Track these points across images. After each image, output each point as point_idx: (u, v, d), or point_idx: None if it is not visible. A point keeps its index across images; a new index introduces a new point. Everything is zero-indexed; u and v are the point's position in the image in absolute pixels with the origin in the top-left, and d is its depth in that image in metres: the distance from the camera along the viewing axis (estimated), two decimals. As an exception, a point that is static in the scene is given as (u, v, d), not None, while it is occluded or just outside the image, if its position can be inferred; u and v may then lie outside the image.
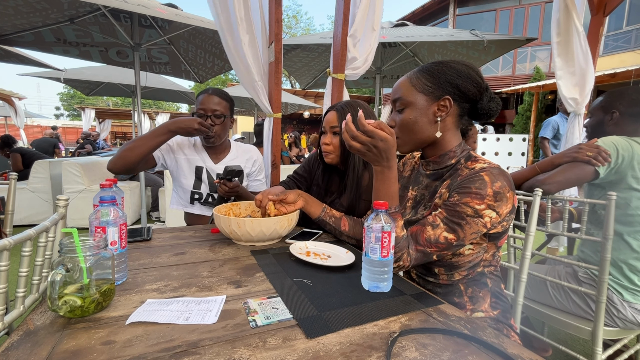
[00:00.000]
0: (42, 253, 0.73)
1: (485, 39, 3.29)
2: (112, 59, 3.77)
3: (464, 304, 0.83)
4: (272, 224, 1.01)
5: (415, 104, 0.84)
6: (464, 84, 0.81)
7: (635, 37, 8.12)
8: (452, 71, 0.82)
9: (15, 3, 2.56)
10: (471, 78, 0.81)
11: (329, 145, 1.23)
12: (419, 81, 0.84)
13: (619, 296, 1.15)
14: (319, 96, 11.42)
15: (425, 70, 0.84)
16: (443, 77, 0.82)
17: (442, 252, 0.78)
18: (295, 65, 4.25)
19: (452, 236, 0.75)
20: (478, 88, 0.82)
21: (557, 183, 1.15)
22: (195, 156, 1.51)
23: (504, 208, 0.75)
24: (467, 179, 0.76)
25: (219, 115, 1.44)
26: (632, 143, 1.14)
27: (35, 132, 15.89)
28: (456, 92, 0.82)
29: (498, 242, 0.82)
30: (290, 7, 25.87)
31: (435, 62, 0.85)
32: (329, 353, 0.51)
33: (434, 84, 0.82)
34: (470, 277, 0.83)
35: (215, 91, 1.47)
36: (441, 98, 0.82)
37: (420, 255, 0.78)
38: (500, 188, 0.73)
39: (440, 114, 0.83)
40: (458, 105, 0.83)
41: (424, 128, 0.84)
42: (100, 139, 10.44)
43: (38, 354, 0.49)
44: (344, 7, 1.87)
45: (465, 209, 0.74)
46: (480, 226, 0.75)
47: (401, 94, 0.86)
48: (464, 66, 0.83)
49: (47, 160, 3.94)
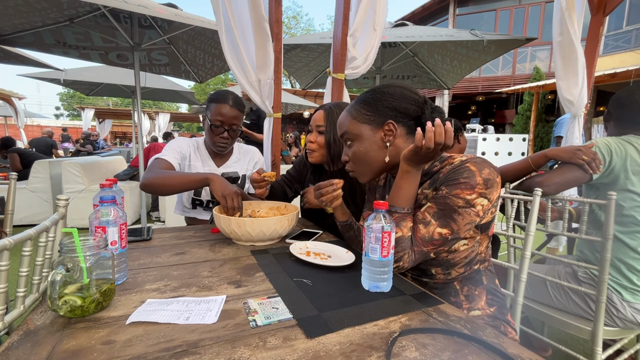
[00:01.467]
0: (42, 253, 0.73)
1: (485, 39, 3.29)
2: (112, 61, 3.78)
3: (460, 303, 0.83)
4: (272, 224, 1.01)
5: (362, 135, 0.86)
6: (401, 105, 0.83)
7: (635, 37, 8.12)
8: (386, 96, 0.84)
9: (15, 3, 2.56)
10: (406, 97, 0.84)
11: (313, 144, 1.26)
12: (359, 113, 0.86)
13: (618, 296, 1.15)
14: (319, 96, 11.41)
15: (362, 102, 0.87)
16: (380, 103, 0.84)
17: (439, 249, 0.78)
18: (295, 65, 4.24)
19: (446, 230, 0.75)
20: (416, 104, 0.84)
21: (555, 184, 1.16)
22: (198, 162, 1.47)
23: (494, 193, 0.76)
24: (452, 171, 0.77)
25: (235, 129, 1.41)
26: (626, 145, 1.14)
27: (35, 132, 15.87)
28: (397, 114, 0.84)
29: (488, 231, 0.83)
30: (290, 8, 25.89)
31: (369, 91, 0.88)
32: (329, 353, 0.51)
33: (374, 112, 0.85)
34: (467, 274, 0.84)
35: (236, 102, 1.40)
36: (384, 123, 0.84)
37: (418, 257, 0.78)
38: (489, 174, 0.74)
39: (388, 138, 0.84)
40: (403, 125, 0.84)
41: (377, 156, 0.86)
42: (100, 139, 10.44)
43: (38, 353, 0.49)
44: (344, 7, 1.87)
45: (456, 201, 0.74)
46: (473, 215, 0.74)
47: (346, 128, 0.88)
48: (396, 88, 0.85)
49: (47, 160, 3.94)
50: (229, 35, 1.71)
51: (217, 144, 1.41)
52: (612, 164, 1.13)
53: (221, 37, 1.70)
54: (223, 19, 1.68)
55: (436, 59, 4.07)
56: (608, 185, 1.17)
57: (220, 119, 1.37)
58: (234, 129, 1.40)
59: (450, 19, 11.28)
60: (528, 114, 8.71)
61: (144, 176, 1.24)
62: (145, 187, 1.22)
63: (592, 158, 1.13)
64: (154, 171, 1.26)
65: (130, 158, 6.73)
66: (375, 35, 2.00)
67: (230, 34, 1.70)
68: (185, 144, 1.45)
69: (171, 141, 1.43)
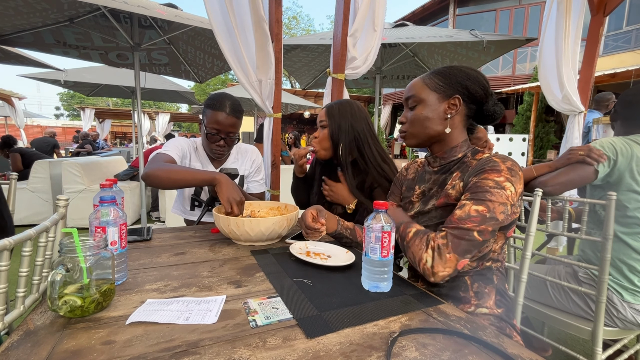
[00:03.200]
0: (42, 253, 0.73)
1: (484, 40, 3.29)
2: (112, 61, 3.78)
3: (469, 298, 0.83)
4: (271, 224, 1.01)
5: (427, 101, 0.89)
6: (472, 86, 0.87)
7: (635, 37, 8.12)
8: (462, 74, 0.88)
9: (15, 3, 2.56)
10: (479, 82, 0.87)
11: (316, 139, 1.30)
12: (431, 81, 0.90)
13: (618, 296, 1.15)
14: (319, 96, 11.42)
15: (438, 72, 0.91)
16: (454, 78, 0.88)
17: (481, 227, 0.73)
18: (295, 65, 4.25)
19: (482, 207, 0.74)
20: (485, 91, 0.88)
21: (560, 185, 1.16)
22: (197, 163, 1.45)
23: (518, 185, 0.77)
24: (480, 164, 0.81)
25: (232, 137, 1.38)
26: (631, 144, 1.14)
27: (35, 132, 15.89)
28: (465, 92, 0.87)
29: (507, 232, 0.83)
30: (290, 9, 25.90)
31: (447, 66, 0.91)
32: (329, 353, 0.51)
33: (446, 84, 0.88)
34: (479, 269, 0.83)
35: (233, 110, 1.35)
36: (451, 97, 0.87)
37: (456, 233, 0.74)
38: (512, 166, 0.78)
39: (450, 111, 0.88)
40: (466, 105, 0.89)
41: (434, 124, 0.89)
42: (100, 139, 10.43)
43: (38, 353, 0.49)
44: (344, 7, 1.87)
45: (487, 182, 0.76)
46: (505, 198, 0.74)
47: (414, 92, 0.91)
48: (473, 70, 0.89)
49: (47, 160, 3.94)
50: (230, 35, 1.71)
51: (213, 151, 1.39)
52: (617, 163, 1.13)
53: (217, 37, 1.69)
54: (223, 19, 1.68)
55: (436, 59, 4.07)
56: (613, 185, 1.16)
57: (217, 127, 1.33)
58: (231, 137, 1.37)
59: (450, 19, 11.28)
60: (528, 114, 8.70)
61: (146, 167, 1.19)
62: (147, 178, 1.17)
63: (587, 151, 1.14)
64: (157, 163, 1.21)
65: (131, 158, 6.73)
66: (375, 36, 2.00)
67: (232, 34, 1.70)
68: (186, 143, 1.43)
69: (171, 140, 1.41)
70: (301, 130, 14.48)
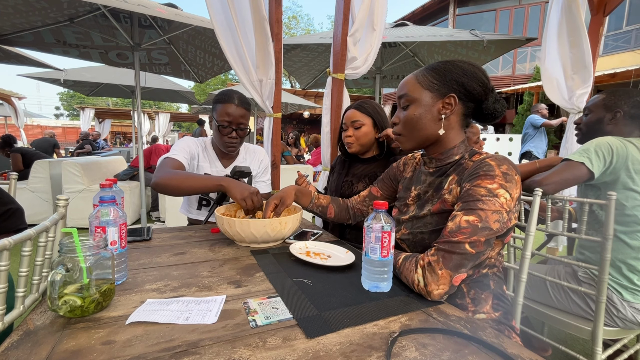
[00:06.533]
0: (42, 253, 0.73)
1: (484, 39, 3.29)
2: (112, 60, 3.77)
3: (466, 305, 0.83)
4: (277, 225, 1.00)
5: (420, 100, 0.84)
6: (469, 83, 0.82)
7: (635, 37, 8.12)
8: (458, 70, 0.82)
9: (14, 2, 2.56)
10: (477, 78, 0.82)
11: (351, 137, 1.42)
12: (425, 78, 0.85)
13: (618, 296, 1.15)
14: (319, 96, 11.41)
15: (432, 68, 0.85)
16: (449, 75, 0.82)
17: (472, 239, 0.71)
18: (295, 65, 4.24)
19: (473, 217, 0.71)
20: (484, 88, 0.83)
21: (554, 183, 1.16)
22: (206, 162, 1.46)
23: (515, 191, 0.74)
24: (474, 167, 0.78)
25: (243, 128, 1.40)
26: (627, 144, 1.15)
27: (35, 132, 15.89)
28: (462, 90, 0.82)
29: (504, 238, 0.81)
30: (290, 8, 25.89)
31: (442, 61, 0.85)
32: (329, 353, 0.51)
33: (440, 81, 0.83)
34: (475, 277, 0.82)
35: (242, 101, 1.39)
36: (446, 96, 0.82)
37: (447, 248, 0.71)
38: (507, 170, 0.74)
39: (445, 111, 0.83)
40: (463, 104, 0.84)
41: (428, 125, 0.84)
42: (100, 139, 10.42)
43: (38, 353, 0.49)
44: (344, 7, 1.87)
45: (478, 190, 0.73)
46: (498, 206, 0.71)
47: (407, 90, 0.87)
48: (470, 66, 0.83)
49: (47, 160, 3.94)
50: (232, 34, 1.71)
51: (226, 144, 1.40)
52: (612, 162, 1.13)
53: (218, 36, 1.69)
54: (225, 19, 1.68)
55: (436, 59, 4.07)
56: (609, 184, 1.17)
57: (228, 119, 1.36)
58: (242, 128, 1.40)
59: (450, 19, 11.27)
60: (528, 114, 8.70)
61: (155, 175, 1.22)
62: (157, 186, 1.20)
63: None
64: (166, 170, 1.23)
65: (130, 158, 6.72)
66: (375, 36, 2.00)
67: (233, 33, 1.70)
68: (194, 143, 1.44)
69: (179, 140, 1.43)
70: (301, 130, 14.48)
